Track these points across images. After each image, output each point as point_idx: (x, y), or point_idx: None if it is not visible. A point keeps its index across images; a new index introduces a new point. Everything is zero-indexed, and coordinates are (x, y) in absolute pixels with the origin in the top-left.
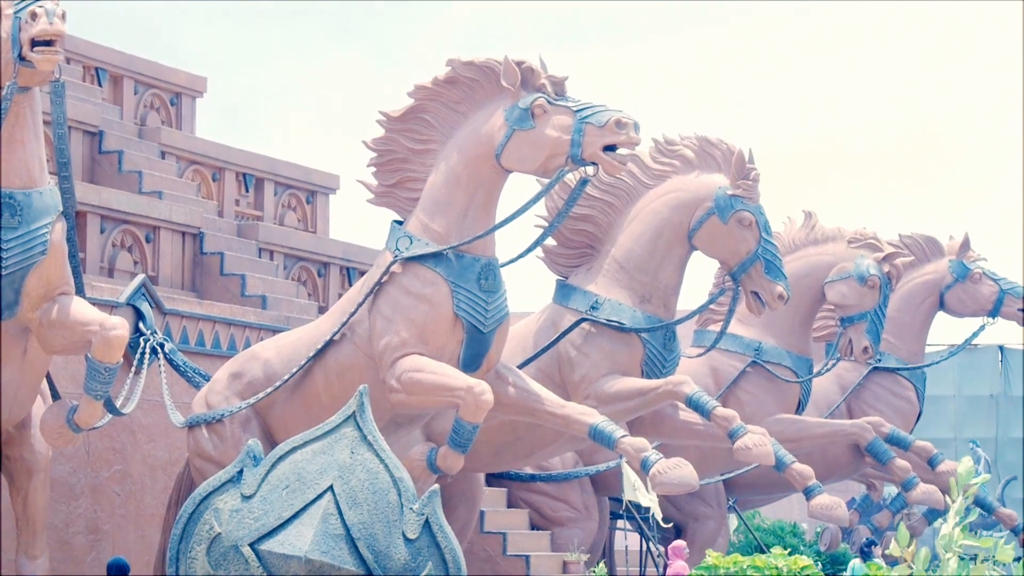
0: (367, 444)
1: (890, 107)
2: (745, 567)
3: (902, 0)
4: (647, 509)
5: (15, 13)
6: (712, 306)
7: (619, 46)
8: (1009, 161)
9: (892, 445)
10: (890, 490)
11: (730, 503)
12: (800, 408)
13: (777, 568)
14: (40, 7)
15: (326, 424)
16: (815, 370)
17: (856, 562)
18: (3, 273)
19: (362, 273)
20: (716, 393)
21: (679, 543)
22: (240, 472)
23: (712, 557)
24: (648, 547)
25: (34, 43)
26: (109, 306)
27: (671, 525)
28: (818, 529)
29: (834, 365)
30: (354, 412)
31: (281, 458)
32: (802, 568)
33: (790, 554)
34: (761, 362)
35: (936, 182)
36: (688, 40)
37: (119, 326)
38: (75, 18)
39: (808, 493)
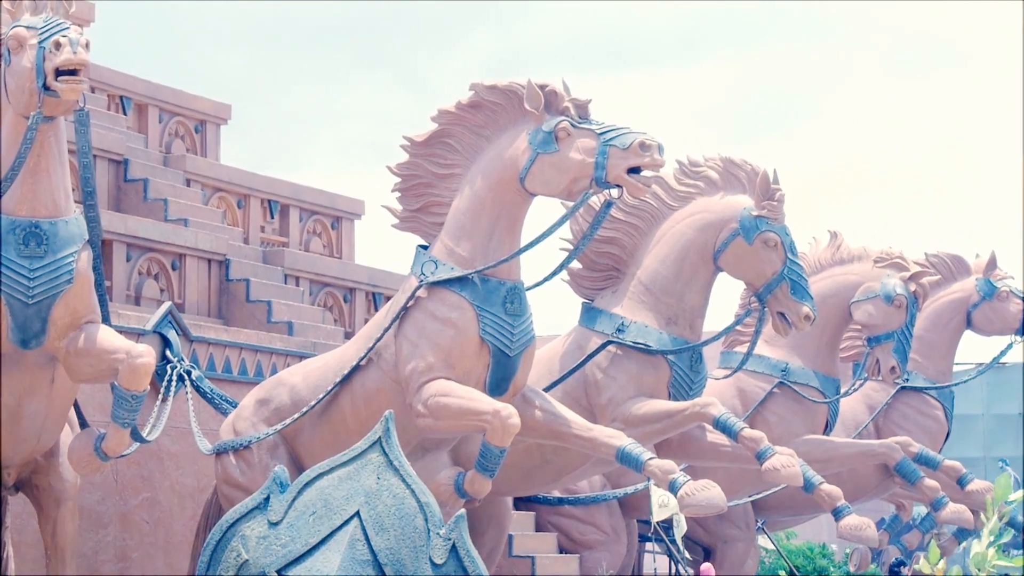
0: (393, 469)
1: (914, 126)
2: None
3: (923, 20)
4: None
5: (39, 43)
6: (738, 327)
7: (642, 71)
8: None
9: (921, 465)
10: (919, 510)
11: (759, 524)
12: (828, 429)
13: None
14: (64, 36)
15: (352, 450)
16: (842, 390)
17: None
18: (30, 302)
19: (388, 298)
20: (743, 414)
21: (708, 565)
22: (267, 499)
23: None
24: (677, 570)
25: (58, 72)
26: (136, 334)
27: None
28: (847, 550)
29: (861, 385)
30: (380, 437)
31: (307, 484)
32: None
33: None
34: (788, 383)
35: (962, 200)
36: (711, 63)
37: (146, 354)
38: (99, 47)
39: (837, 514)
